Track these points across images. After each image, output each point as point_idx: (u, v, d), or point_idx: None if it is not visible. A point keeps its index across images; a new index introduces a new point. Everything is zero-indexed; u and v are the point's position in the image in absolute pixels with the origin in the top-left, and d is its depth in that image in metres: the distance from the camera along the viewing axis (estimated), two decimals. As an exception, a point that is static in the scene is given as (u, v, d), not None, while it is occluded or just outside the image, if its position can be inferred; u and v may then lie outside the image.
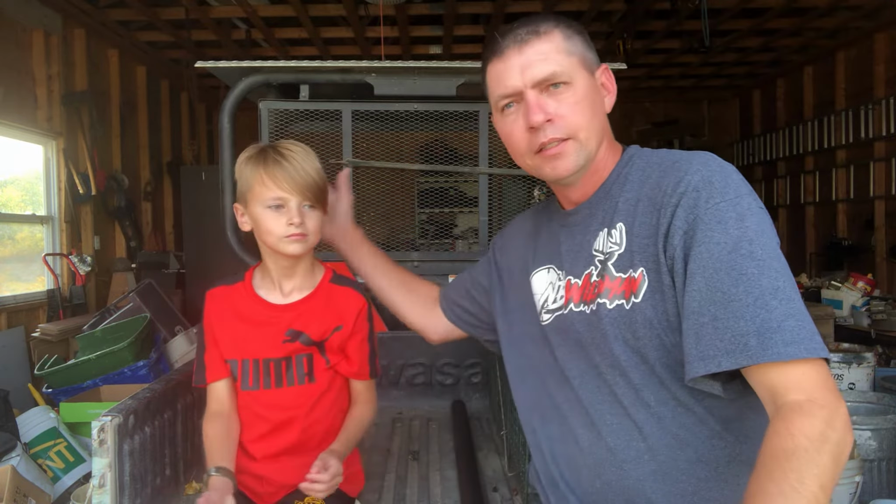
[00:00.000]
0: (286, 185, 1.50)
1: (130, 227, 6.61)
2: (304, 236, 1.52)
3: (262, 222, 1.54)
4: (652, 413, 1.16)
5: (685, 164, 1.17)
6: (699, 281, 1.07)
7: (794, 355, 0.99)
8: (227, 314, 1.63)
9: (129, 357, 4.03)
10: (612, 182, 1.27)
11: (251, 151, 1.57)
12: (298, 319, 1.61)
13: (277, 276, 1.62)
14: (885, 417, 3.06)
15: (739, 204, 1.09)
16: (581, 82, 1.23)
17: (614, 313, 1.18)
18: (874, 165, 6.50)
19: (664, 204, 1.15)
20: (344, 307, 1.65)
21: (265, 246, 1.59)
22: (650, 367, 1.16)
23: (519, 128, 1.24)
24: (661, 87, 9.08)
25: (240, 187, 1.59)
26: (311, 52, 7.21)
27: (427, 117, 2.84)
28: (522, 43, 1.22)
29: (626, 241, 1.19)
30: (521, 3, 5.99)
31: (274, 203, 1.51)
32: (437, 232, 5.18)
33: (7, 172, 5.36)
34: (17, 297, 5.06)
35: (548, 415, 1.31)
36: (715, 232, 1.08)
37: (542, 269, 1.37)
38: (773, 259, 1.06)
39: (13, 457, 3.11)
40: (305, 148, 1.57)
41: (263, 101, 2.80)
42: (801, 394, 0.99)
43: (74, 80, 5.79)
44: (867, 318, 4.86)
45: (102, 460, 1.47)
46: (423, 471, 2.17)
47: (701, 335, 1.06)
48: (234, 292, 1.65)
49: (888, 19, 6.18)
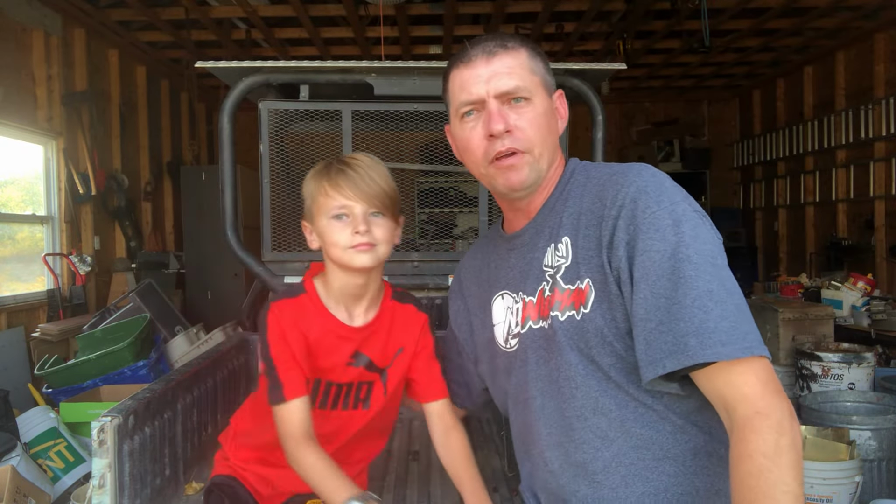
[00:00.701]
0: (349, 193, 1.41)
1: (130, 227, 6.61)
2: (371, 246, 1.41)
3: (327, 235, 1.44)
4: (613, 419, 1.19)
5: (621, 176, 1.21)
6: (644, 289, 1.11)
7: (731, 355, 1.04)
8: (298, 331, 1.47)
9: (129, 357, 4.03)
10: (556, 199, 1.31)
11: (316, 167, 1.49)
12: (366, 343, 1.52)
13: (345, 297, 1.50)
14: (885, 417, 3.06)
15: (674, 211, 1.14)
16: (540, 101, 1.27)
17: (566, 325, 1.21)
18: (874, 165, 6.49)
19: (605, 216, 1.18)
20: (406, 327, 1.56)
21: (333, 263, 1.47)
22: (605, 373, 1.19)
23: (478, 135, 1.27)
24: (661, 87, 9.08)
25: (306, 204, 1.49)
26: (311, 52, 7.21)
27: (427, 117, 2.84)
28: (491, 55, 1.26)
29: (571, 253, 1.23)
30: (520, 3, 5.99)
31: (338, 212, 1.42)
32: (437, 232, 5.18)
33: (7, 172, 5.36)
34: (17, 297, 5.06)
35: (527, 442, 1.34)
36: (654, 240, 1.12)
37: (498, 297, 1.40)
38: (707, 262, 1.10)
39: (13, 457, 3.11)
40: (373, 157, 1.49)
41: (263, 101, 2.80)
42: (747, 406, 1.04)
43: (74, 80, 5.79)
44: (867, 318, 4.85)
45: (102, 460, 1.47)
46: (423, 471, 2.17)
47: (650, 340, 1.10)
48: (299, 307, 1.49)
49: (888, 19, 6.17)
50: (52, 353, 4.45)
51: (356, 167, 1.44)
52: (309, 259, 2.87)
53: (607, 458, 1.20)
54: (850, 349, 3.79)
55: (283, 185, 2.92)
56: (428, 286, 2.85)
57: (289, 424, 1.41)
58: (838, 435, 2.92)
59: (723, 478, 1.17)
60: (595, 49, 7.24)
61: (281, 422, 1.42)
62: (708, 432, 1.19)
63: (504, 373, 1.38)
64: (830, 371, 3.58)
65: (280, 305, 1.48)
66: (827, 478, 2.65)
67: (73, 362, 4.06)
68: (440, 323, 2.89)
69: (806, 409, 3.22)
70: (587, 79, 2.74)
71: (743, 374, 1.05)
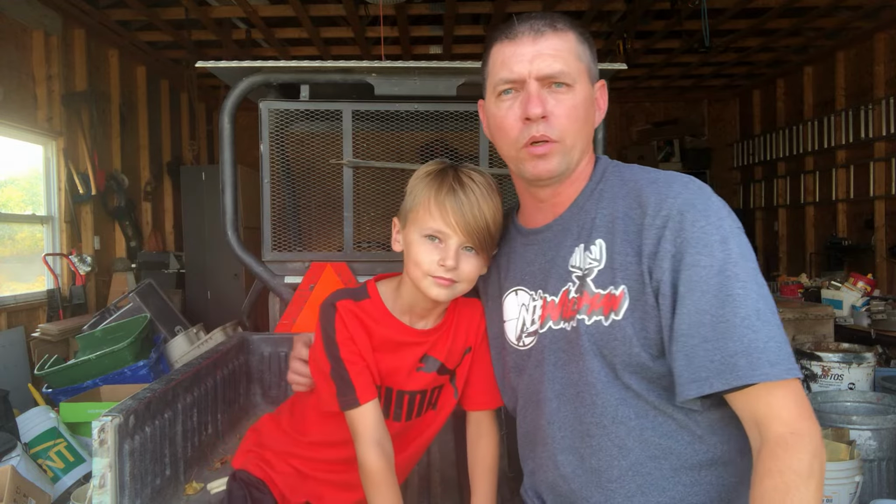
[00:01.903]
0: (451, 220, 1.29)
1: (130, 227, 6.61)
2: (452, 283, 1.31)
3: (413, 250, 1.33)
4: (632, 427, 1.17)
5: (665, 185, 1.18)
6: (688, 304, 1.09)
7: (779, 375, 1.04)
8: (363, 335, 1.38)
9: (129, 357, 4.04)
10: (587, 197, 1.27)
11: (433, 167, 1.37)
12: (436, 346, 1.43)
13: (413, 309, 1.41)
14: (885, 417, 3.06)
15: (722, 227, 1.12)
16: (581, 89, 1.22)
17: (592, 329, 1.18)
18: (874, 165, 6.49)
19: (646, 224, 1.15)
20: (470, 323, 1.46)
21: (410, 278, 1.37)
22: (625, 382, 1.16)
23: (513, 115, 1.22)
24: (661, 87, 9.08)
25: (406, 201, 1.37)
26: (311, 52, 7.21)
27: (427, 117, 2.84)
28: (538, 34, 1.20)
29: (606, 257, 1.19)
30: (520, 3, 5.99)
31: (432, 234, 1.31)
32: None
33: (7, 172, 5.36)
34: (17, 297, 5.06)
35: (535, 442, 1.31)
36: (702, 256, 1.10)
37: (511, 292, 1.35)
38: (754, 281, 1.09)
39: (13, 457, 3.11)
40: (490, 183, 1.35)
41: (263, 101, 2.80)
42: (783, 425, 1.04)
43: (74, 80, 5.79)
44: (867, 318, 4.86)
45: (102, 460, 1.47)
46: (423, 471, 2.17)
47: (692, 357, 1.08)
48: (363, 311, 1.40)
49: (888, 19, 6.17)
50: (52, 353, 4.45)
51: (469, 192, 1.30)
52: (310, 259, 2.87)
53: (624, 467, 1.18)
54: (850, 349, 3.79)
55: (284, 185, 2.92)
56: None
57: (362, 426, 1.34)
58: (838, 435, 2.92)
59: (737, 490, 1.17)
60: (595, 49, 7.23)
61: (353, 425, 1.35)
62: (725, 443, 1.17)
63: (515, 370, 1.35)
64: (830, 371, 3.58)
65: (346, 305, 1.39)
66: (827, 478, 2.63)
67: (73, 362, 4.06)
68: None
69: (806, 409, 3.21)
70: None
71: (784, 395, 1.05)
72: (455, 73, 2.71)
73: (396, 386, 1.42)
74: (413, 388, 1.43)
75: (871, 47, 6.54)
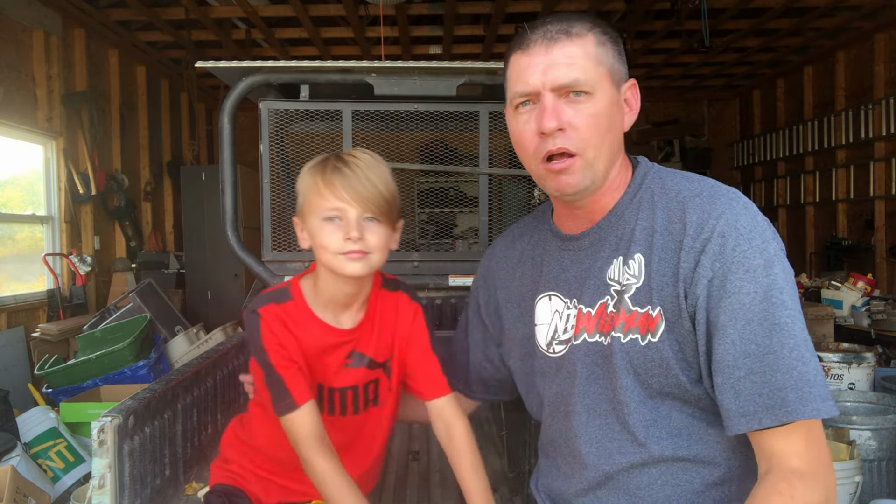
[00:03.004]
0: (344, 194, 1.31)
1: (130, 227, 6.62)
2: (363, 254, 1.32)
3: (317, 236, 1.35)
4: (665, 447, 1.15)
5: (708, 202, 1.13)
6: (732, 333, 1.05)
7: (829, 412, 1.01)
8: (289, 337, 1.39)
9: (129, 357, 4.04)
10: (625, 206, 1.21)
11: (314, 161, 1.40)
12: (361, 342, 1.44)
13: (333, 303, 1.42)
14: (885, 417, 3.06)
15: (766, 250, 1.07)
16: (603, 95, 1.15)
17: (627, 347, 1.15)
18: (874, 165, 6.49)
19: (685, 245, 1.11)
20: (398, 316, 1.47)
21: (323, 266, 1.38)
22: (657, 403, 1.14)
23: (530, 130, 1.17)
24: (661, 87, 9.08)
25: (298, 200, 1.39)
26: (311, 52, 7.21)
27: (427, 117, 2.84)
28: (551, 41, 1.14)
29: (644, 274, 1.14)
30: (521, 3, 5.99)
31: (330, 214, 1.32)
32: (438, 232, 5.18)
33: (7, 172, 5.36)
34: (17, 297, 5.06)
35: (558, 448, 1.29)
36: (745, 282, 1.05)
37: (545, 297, 1.31)
38: (798, 308, 1.05)
39: (13, 457, 3.11)
40: (375, 156, 1.38)
41: (263, 101, 2.80)
42: (802, 462, 1.02)
43: (74, 80, 5.79)
44: (867, 318, 4.86)
45: (102, 461, 1.47)
46: (423, 471, 2.17)
47: (739, 390, 1.04)
48: (290, 313, 1.41)
49: (888, 19, 6.17)
50: (52, 353, 4.45)
51: (354, 166, 1.33)
52: (310, 259, 2.87)
53: (654, 475, 1.16)
54: (850, 349, 3.79)
55: (284, 185, 2.92)
56: (428, 286, 2.85)
57: (302, 429, 1.34)
58: (838, 435, 2.92)
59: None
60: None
61: (293, 429, 1.35)
62: (743, 464, 1.16)
63: (542, 376, 1.31)
64: (830, 371, 3.59)
65: (270, 310, 1.39)
66: (827, 478, 2.65)
67: (73, 362, 4.06)
68: (440, 323, 2.89)
69: (806, 409, 3.21)
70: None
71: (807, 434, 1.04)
72: (455, 73, 2.71)
73: (326, 383, 1.43)
74: (343, 385, 1.43)
75: (871, 47, 6.54)
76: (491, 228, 2.85)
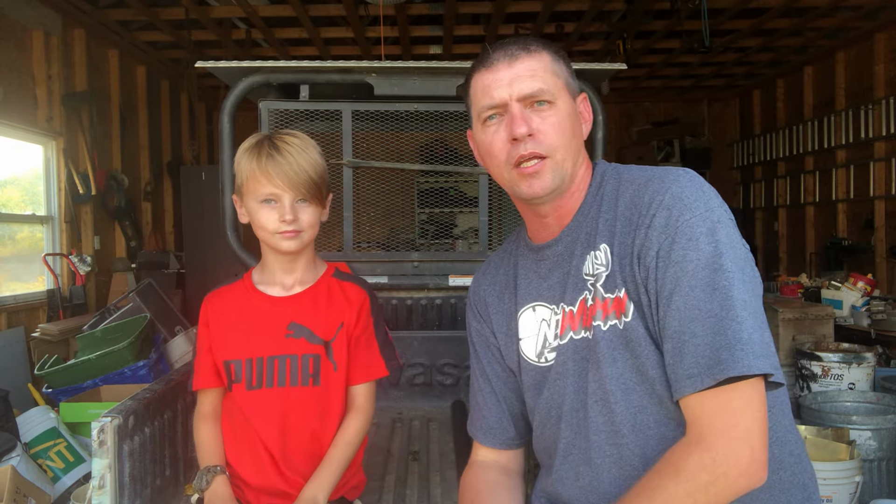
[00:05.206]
0: (278, 182, 1.49)
1: (130, 227, 6.62)
2: (297, 233, 1.52)
3: (255, 217, 1.54)
4: (650, 436, 1.16)
5: (657, 182, 1.19)
6: (677, 300, 1.09)
7: (761, 369, 1.03)
8: (227, 314, 1.61)
9: (129, 357, 4.03)
10: (590, 204, 1.28)
11: (249, 142, 1.56)
12: (300, 313, 1.58)
13: (277, 271, 1.62)
14: (885, 417, 3.06)
15: (709, 218, 1.12)
16: (564, 104, 1.25)
17: (609, 334, 1.18)
18: (874, 165, 6.50)
19: (639, 224, 1.17)
20: (346, 303, 1.61)
21: (262, 242, 1.59)
22: (650, 385, 1.15)
23: (500, 139, 1.24)
24: (661, 87, 9.08)
25: (237, 178, 1.57)
26: (311, 52, 7.21)
27: (427, 117, 2.84)
28: (513, 58, 1.24)
29: (610, 261, 1.20)
30: (520, 3, 5.99)
31: (266, 198, 1.52)
32: (437, 232, 5.18)
33: (7, 172, 5.36)
34: (17, 297, 5.06)
35: (552, 455, 1.30)
36: (688, 250, 1.10)
37: (527, 309, 1.34)
38: (742, 270, 1.09)
39: (13, 457, 3.11)
40: (304, 139, 1.56)
41: (263, 101, 2.80)
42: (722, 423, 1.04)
43: (74, 80, 5.79)
44: (867, 318, 4.85)
45: (102, 461, 1.47)
46: (424, 471, 2.17)
47: (684, 353, 1.08)
48: (233, 291, 1.64)
49: (888, 19, 6.17)
50: (52, 353, 4.45)
51: (286, 153, 1.50)
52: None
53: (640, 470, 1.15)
54: (850, 349, 3.79)
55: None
56: (428, 286, 2.85)
57: (200, 406, 1.64)
58: (838, 435, 2.92)
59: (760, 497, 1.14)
60: (595, 49, 7.24)
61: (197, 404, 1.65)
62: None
63: (533, 389, 1.33)
64: (830, 371, 3.59)
65: (210, 296, 1.64)
66: (827, 478, 2.65)
67: (73, 362, 4.06)
68: (440, 323, 2.89)
69: (806, 409, 3.22)
70: (587, 79, 2.73)
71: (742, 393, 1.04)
72: (455, 73, 2.71)
73: (267, 353, 1.56)
74: (282, 353, 1.56)
75: (871, 47, 6.54)
76: (491, 228, 2.85)
